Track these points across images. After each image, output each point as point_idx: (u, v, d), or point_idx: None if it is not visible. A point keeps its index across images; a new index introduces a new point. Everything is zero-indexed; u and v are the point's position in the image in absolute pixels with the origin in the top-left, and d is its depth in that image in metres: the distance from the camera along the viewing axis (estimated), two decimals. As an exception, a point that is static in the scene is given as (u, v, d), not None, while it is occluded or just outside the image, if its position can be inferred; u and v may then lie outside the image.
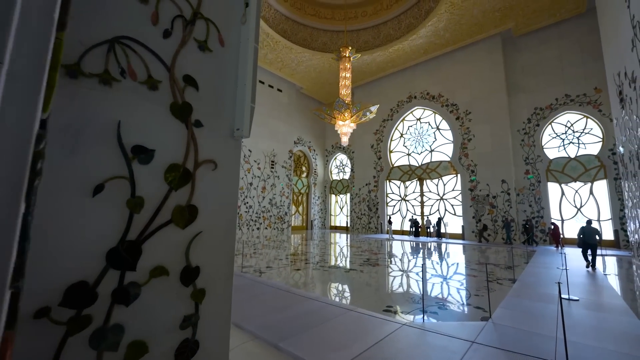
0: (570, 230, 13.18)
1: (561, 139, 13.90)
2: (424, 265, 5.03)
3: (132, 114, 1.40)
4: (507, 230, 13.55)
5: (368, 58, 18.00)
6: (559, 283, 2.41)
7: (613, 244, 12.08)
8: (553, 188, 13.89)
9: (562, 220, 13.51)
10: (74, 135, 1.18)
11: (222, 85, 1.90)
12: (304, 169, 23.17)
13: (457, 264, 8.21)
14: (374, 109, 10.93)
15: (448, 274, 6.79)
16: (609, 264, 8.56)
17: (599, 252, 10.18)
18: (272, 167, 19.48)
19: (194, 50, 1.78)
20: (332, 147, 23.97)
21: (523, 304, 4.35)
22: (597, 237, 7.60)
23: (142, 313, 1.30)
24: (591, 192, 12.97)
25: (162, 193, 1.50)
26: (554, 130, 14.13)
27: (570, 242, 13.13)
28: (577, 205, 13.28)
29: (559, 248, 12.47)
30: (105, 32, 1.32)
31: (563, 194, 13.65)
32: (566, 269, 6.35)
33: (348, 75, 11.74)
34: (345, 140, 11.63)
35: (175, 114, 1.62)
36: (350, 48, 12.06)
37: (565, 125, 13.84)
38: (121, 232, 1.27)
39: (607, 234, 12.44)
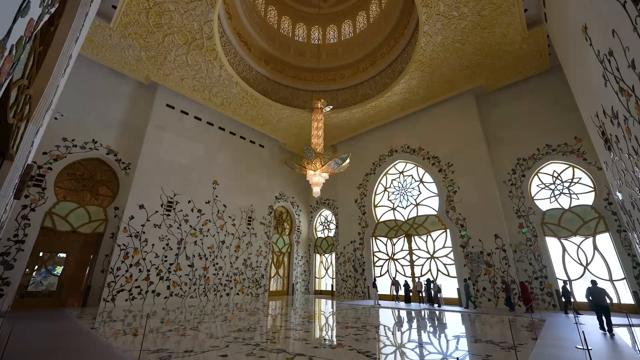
0: (581, 292, 11.41)
1: (550, 189, 13.12)
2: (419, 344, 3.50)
3: None
4: (467, 292, 12.57)
5: (347, 114, 18.30)
6: None
7: (635, 309, 10.24)
8: (552, 243, 12.54)
9: (570, 281, 11.82)
10: None
11: None
12: (286, 225, 21.69)
13: (449, 341, 6.41)
14: (345, 156, 10.28)
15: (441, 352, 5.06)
16: None
17: (620, 320, 8.44)
18: (249, 224, 18.06)
19: None
20: (317, 202, 22.94)
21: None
22: (608, 299, 7.01)
23: None
24: (595, 248, 11.62)
25: None
26: (541, 181, 13.43)
27: (582, 307, 11.28)
28: (582, 263, 11.77)
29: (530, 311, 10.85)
30: None
31: (565, 249, 12.25)
32: (588, 349, 4.74)
33: (320, 125, 11.43)
34: (316, 190, 10.69)
35: None
36: (322, 100, 12.04)
37: (552, 175, 13.21)
38: None
39: (625, 296, 10.70)
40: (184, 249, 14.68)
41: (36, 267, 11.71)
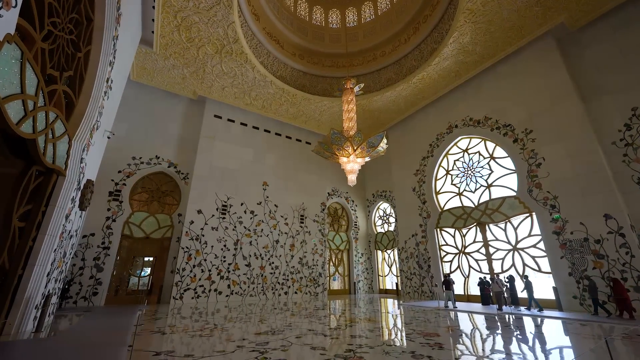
0: None
1: (695, 143, 9.09)
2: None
3: None
4: (530, 292, 10.50)
5: (392, 94, 16.49)
6: None
7: None
8: None
9: None
10: None
11: None
12: (342, 222, 20.86)
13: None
14: (381, 135, 8.91)
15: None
16: None
17: None
18: (302, 222, 17.86)
19: None
20: (374, 195, 21.46)
21: None
22: None
23: None
24: None
25: None
26: (677, 134, 9.45)
27: None
28: None
29: (625, 316, 7.84)
30: None
31: None
32: None
33: (351, 107, 10.30)
34: (351, 179, 9.58)
35: None
36: (352, 79, 10.86)
37: (697, 124, 9.14)
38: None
39: None
40: (240, 250, 15.27)
41: (132, 269, 13.64)
